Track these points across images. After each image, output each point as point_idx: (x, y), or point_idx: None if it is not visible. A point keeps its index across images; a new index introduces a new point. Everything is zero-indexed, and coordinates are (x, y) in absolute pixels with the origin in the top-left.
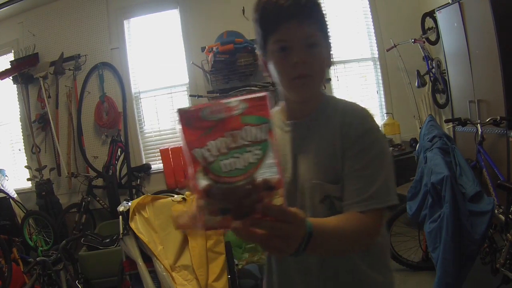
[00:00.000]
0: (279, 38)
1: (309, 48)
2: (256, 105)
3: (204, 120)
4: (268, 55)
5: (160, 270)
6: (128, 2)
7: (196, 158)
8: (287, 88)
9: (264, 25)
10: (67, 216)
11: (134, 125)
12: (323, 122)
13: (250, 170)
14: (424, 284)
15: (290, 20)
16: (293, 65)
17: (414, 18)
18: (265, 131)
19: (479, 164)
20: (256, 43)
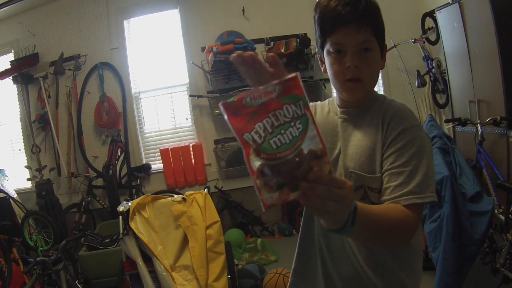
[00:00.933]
0: (335, 41)
1: (362, 53)
2: (290, 86)
3: (247, 107)
4: (326, 56)
5: (160, 270)
6: (128, 2)
7: (247, 142)
8: (340, 88)
9: (322, 26)
10: (67, 216)
11: (134, 125)
12: (368, 117)
13: (297, 143)
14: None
15: (347, 25)
16: (346, 69)
17: (414, 18)
18: (302, 107)
19: (479, 164)
20: (315, 39)
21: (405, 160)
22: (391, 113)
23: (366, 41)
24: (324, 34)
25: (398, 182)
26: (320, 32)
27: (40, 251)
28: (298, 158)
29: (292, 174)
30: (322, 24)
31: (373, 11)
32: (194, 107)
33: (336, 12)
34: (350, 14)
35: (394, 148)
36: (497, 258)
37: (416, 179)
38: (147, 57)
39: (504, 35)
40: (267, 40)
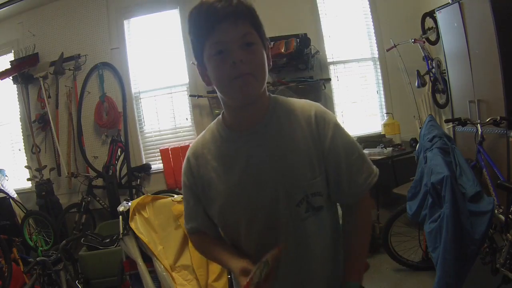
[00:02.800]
0: (215, 40)
1: (246, 47)
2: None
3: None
4: (206, 62)
5: (160, 270)
6: (128, 2)
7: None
8: (228, 91)
9: (199, 31)
10: (67, 216)
11: (134, 125)
12: (284, 125)
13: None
14: (424, 284)
15: (224, 21)
16: (232, 65)
17: (414, 18)
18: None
19: (479, 164)
20: (194, 56)
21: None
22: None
23: (247, 34)
24: (202, 38)
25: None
26: (198, 39)
27: (40, 251)
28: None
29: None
30: (198, 28)
31: (247, 6)
32: (194, 107)
33: (211, 10)
34: (225, 9)
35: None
36: (497, 258)
37: (365, 166)
38: (147, 57)
39: (504, 35)
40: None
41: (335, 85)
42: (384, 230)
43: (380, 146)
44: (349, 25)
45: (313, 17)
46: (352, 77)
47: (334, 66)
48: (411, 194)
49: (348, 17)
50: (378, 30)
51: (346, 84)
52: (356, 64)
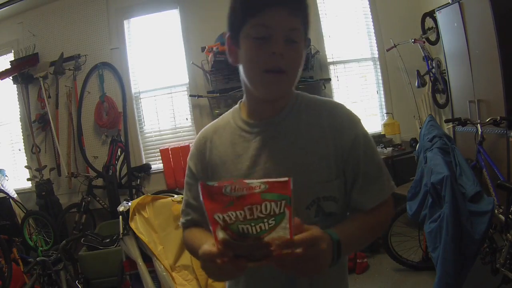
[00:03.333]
0: (261, 22)
1: (290, 43)
2: (278, 186)
3: (226, 195)
4: (242, 39)
5: (160, 270)
6: (128, 2)
7: (217, 220)
8: (257, 82)
9: (248, 4)
10: (67, 216)
11: (134, 125)
12: (302, 121)
13: (263, 235)
14: (424, 284)
15: (279, 6)
16: (270, 55)
17: (414, 18)
18: (282, 206)
19: (479, 164)
20: (228, 24)
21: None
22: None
23: (295, 29)
24: (246, 13)
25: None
26: (242, 10)
27: (40, 251)
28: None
29: (251, 254)
30: (246, 2)
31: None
32: (194, 107)
33: None
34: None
35: (354, 154)
36: (497, 258)
37: (384, 176)
38: (147, 57)
39: (504, 35)
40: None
41: (335, 85)
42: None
43: (380, 146)
44: (349, 25)
45: (313, 17)
46: (352, 77)
47: (334, 66)
48: (411, 194)
49: (348, 17)
50: (378, 30)
51: (346, 84)
52: (356, 64)
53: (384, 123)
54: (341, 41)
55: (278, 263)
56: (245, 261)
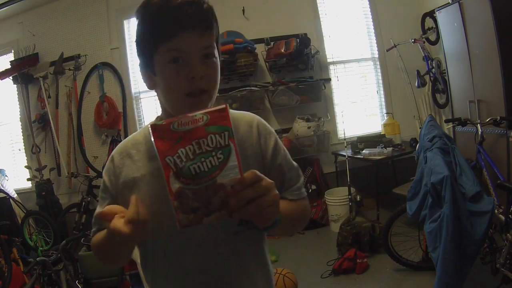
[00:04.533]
0: (174, 47)
1: (205, 60)
2: (218, 116)
3: (174, 132)
4: (156, 66)
5: None
6: (128, 2)
7: (169, 164)
8: (179, 105)
9: (156, 31)
10: (67, 216)
11: (134, 125)
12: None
13: (215, 172)
14: (424, 284)
15: (189, 29)
16: (189, 80)
17: (414, 18)
18: (226, 138)
19: (479, 164)
20: (137, 51)
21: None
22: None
23: (209, 47)
24: (157, 40)
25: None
26: (151, 37)
27: (40, 251)
28: (214, 186)
29: (207, 201)
30: (157, 25)
31: (214, 14)
32: None
33: (177, 14)
34: (194, 16)
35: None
36: (497, 258)
37: (301, 179)
38: None
39: (504, 35)
40: (267, 40)
41: (335, 85)
42: (384, 230)
43: (380, 146)
44: (349, 25)
45: (313, 17)
46: (352, 77)
47: (334, 66)
48: (411, 194)
49: (348, 17)
50: (378, 30)
51: (346, 84)
52: (356, 64)
53: (384, 123)
54: (341, 41)
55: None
56: (203, 215)
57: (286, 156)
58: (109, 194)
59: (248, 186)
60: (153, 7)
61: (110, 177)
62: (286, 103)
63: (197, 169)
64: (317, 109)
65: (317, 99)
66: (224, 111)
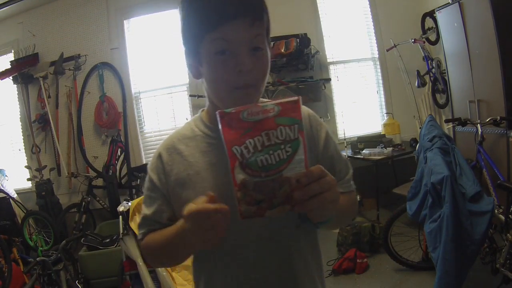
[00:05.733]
0: (220, 36)
1: (254, 52)
2: (289, 108)
3: (243, 121)
4: (202, 56)
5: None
6: (128, 2)
7: (235, 154)
8: (225, 98)
9: (204, 19)
10: (67, 216)
11: (134, 125)
12: None
13: (282, 166)
14: (424, 284)
15: (239, 18)
16: (237, 74)
17: (414, 18)
18: (296, 131)
19: (479, 164)
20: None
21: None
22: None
23: (258, 36)
24: (203, 28)
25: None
26: (198, 26)
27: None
28: (280, 180)
29: (271, 194)
30: (204, 15)
31: (264, 3)
32: (194, 107)
33: (227, 1)
34: (245, 5)
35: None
36: (497, 258)
37: (350, 170)
38: (147, 57)
39: (504, 35)
40: None
41: (335, 85)
42: (384, 230)
43: (380, 146)
44: (349, 25)
45: (313, 17)
46: (352, 77)
47: (334, 66)
48: (411, 194)
49: (348, 17)
50: (378, 30)
51: (346, 84)
52: (356, 64)
53: (384, 123)
54: (341, 41)
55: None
56: (266, 207)
57: (337, 148)
58: (159, 193)
59: (314, 180)
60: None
61: (159, 175)
62: None
63: (264, 162)
64: (317, 109)
65: (317, 99)
66: (296, 103)
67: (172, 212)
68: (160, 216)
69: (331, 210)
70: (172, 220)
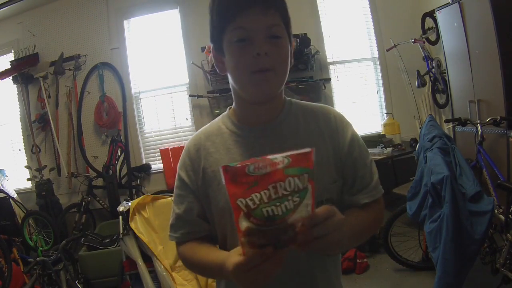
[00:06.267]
0: (239, 25)
1: (271, 39)
2: (300, 159)
3: (249, 175)
4: (225, 47)
5: (160, 270)
6: (128, 2)
7: (240, 206)
8: (246, 84)
9: (223, 11)
10: (67, 216)
11: (134, 125)
12: (300, 125)
13: (288, 215)
14: (424, 284)
15: (254, 6)
16: (254, 57)
17: (414, 18)
18: (306, 180)
19: (479, 164)
20: (210, 37)
21: (363, 164)
22: (338, 120)
23: (275, 25)
24: (224, 19)
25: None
26: (219, 19)
27: (40, 251)
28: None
29: (276, 239)
30: (223, 7)
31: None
32: (194, 107)
33: None
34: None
35: (352, 154)
36: (497, 258)
37: (375, 176)
38: (147, 57)
39: (504, 35)
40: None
41: (335, 85)
42: (384, 230)
43: (380, 146)
44: (349, 25)
45: (313, 17)
46: (352, 77)
47: (334, 66)
48: (411, 194)
49: (348, 17)
50: (378, 30)
51: (346, 84)
52: (356, 64)
53: (384, 123)
54: (341, 41)
55: (303, 244)
56: (271, 249)
57: (362, 153)
58: (189, 191)
59: (319, 223)
60: None
61: (188, 172)
62: None
63: (270, 212)
64: None
65: (317, 99)
66: (308, 155)
67: (201, 209)
68: (191, 214)
69: (336, 249)
70: (201, 217)
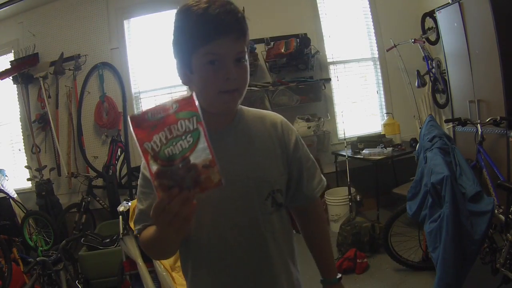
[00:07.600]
0: (212, 50)
1: (237, 63)
2: (186, 103)
3: (149, 120)
4: (194, 66)
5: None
6: (128, 2)
7: (147, 150)
8: (214, 101)
9: (196, 35)
10: (67, 216)
11: None
12: (252, 129)
13: (185, 154)
14: (424, 284)
15: (226, 36)
16: (225, 80)
17: (414, 18)
18: (195, 122)
19: (479, 164)
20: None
21: (307, 163)
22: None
23: (242, 51)
24: (197, 42)
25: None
26: (192, 40)
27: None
28: (187, 166)
29: (181, 180)
30: (195, 32)
31: (246, 21)
32: None
33: (215, 22)
34: (230, 25)
35: (296, 155)
36: (497, 258)
37: (317, 172)
38: (147, 57)
39: (504, 35)
40: (267, 40)
41: (335, 85)
42: (384, 230)
43: (380, 146)
44: (349, 25)
45: (313, 17)
46: (352, 77)
47: (334, 66)
48: (411, 194)
49: (348, 17)
50: (378, 30)
51: (346, 84)
52: (356, 64)
53: (384, 123)
54: (341, 41)
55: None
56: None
57: (305, 151)
58: (150, 188)
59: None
60: (194, 14)
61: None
62: (286, 103)
63: (170, 152)
64: (317, 109)
65: (317, 99)
66: (191, 98)
67: None
68: None
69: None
70: None
